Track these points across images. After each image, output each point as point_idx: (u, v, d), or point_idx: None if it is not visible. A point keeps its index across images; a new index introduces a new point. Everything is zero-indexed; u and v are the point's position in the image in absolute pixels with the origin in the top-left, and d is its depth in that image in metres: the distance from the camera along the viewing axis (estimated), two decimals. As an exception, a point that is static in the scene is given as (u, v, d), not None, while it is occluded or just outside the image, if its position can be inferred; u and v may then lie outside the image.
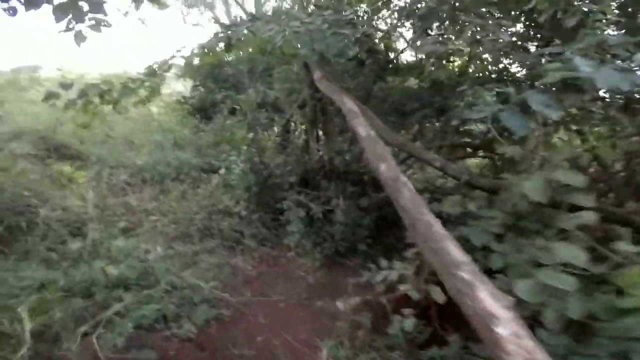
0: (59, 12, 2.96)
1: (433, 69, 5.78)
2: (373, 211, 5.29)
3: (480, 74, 5.48)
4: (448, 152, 5.68)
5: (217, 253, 4.94)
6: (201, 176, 6.62)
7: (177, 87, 12.23)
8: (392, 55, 5.94)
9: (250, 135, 6.03)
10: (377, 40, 5.81)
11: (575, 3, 3.22)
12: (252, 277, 4.65)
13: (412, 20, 5.33)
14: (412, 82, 6.54)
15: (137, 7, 4.25)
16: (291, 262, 4.99)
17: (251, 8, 15.11)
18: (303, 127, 6.86)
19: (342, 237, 4.83)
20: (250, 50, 7.75)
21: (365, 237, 4.98)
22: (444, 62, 5.78)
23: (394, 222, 5.57)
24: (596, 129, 4.06)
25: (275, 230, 5.44)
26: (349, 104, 3.58)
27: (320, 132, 6.25)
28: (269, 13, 7.02)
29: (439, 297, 2.68)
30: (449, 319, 3.15)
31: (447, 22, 4.74)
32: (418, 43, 5.02)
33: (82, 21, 2.96)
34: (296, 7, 6.74)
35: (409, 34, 6.09)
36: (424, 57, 5.97)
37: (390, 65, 5.88)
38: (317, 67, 4.95)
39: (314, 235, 4.97)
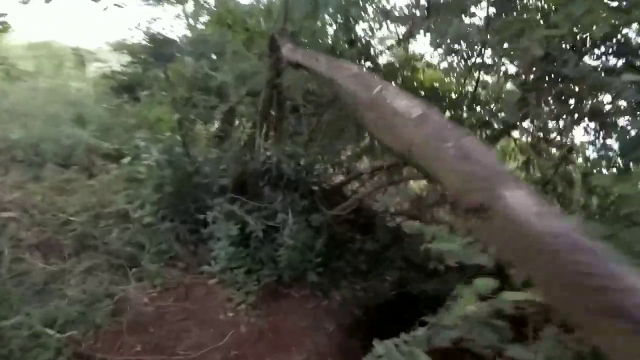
0: None
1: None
2: (324, 231, 4.15)
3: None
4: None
5: (97, 276, 3.33)
6: (98, 163, 4.86)
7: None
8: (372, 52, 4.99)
9: (176, 117, 4.55)
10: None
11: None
12: (147, 318, 3.13)
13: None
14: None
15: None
16: (213, 295, 3.57)
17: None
18: (250, 120, 5.55)
19: (289, 264, 3.57)
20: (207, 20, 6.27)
21: (317, 264, 3.79)
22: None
23: (343, 243, 4.48)
24: None
25: (193, 247, 3.96)
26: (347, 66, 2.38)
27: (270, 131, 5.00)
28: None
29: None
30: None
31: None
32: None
33: None
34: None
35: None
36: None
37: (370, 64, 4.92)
38: (289, 39, 3.76)
39: (248, 259, 3.63)
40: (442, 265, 4.33)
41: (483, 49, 4.07)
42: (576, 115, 3.61)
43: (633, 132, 2.39)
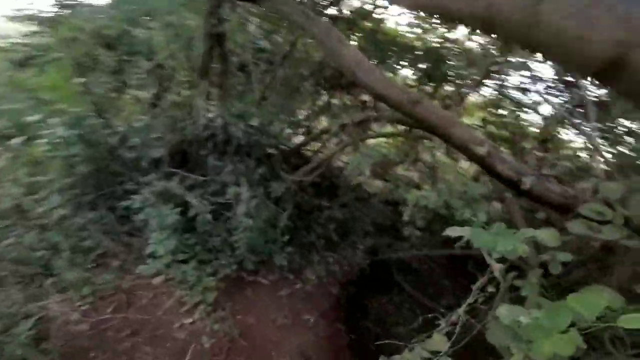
0: None
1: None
2: (289, 202, 3.56)
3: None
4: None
5: (4, 292, 2.53)
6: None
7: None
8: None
9: (82, 81, 3.54)
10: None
11: None
12: (83, 340, 2.44)
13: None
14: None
15: None
16: (161, 298, 2.89)
17: None
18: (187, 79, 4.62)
19: (249, 248, 2.95)
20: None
21: (284, 243, 3.22)
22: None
23: (309, 212, 3.94)
24: None
25: (126, 239, 3.20)
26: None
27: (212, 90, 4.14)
28: None
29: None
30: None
31: None
32: None
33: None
34: None
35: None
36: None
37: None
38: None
39: (198, 249, 2.95)
40: (417, 231, 3.92)
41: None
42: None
43: None
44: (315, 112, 5.40)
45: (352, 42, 3.94)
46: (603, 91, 3.20)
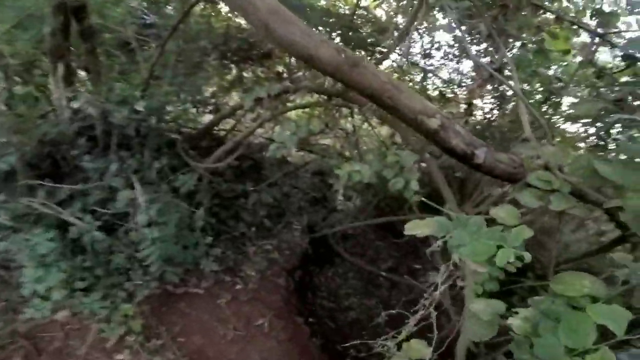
0: None
1: None
2: (205, 194, 2.98)
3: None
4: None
5: None
6: None
7: None
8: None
9: None
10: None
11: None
12: None
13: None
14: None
15: None
16: (75, 336, 2.20)
17: None
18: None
19: (165, 260, 2.34)
20: None
21: (208, 245, 2.68)
22: None
23: (234, 200, 3.44)
24: None
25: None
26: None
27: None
28: None
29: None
30: None
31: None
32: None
33: None
34: None
35: None
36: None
37: None
38: None
39: (99, 272, 2.27)
40: (350, 203, 3.66)
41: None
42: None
43: None
44: (225, 88, 4.73)
45: None
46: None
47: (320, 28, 4.12)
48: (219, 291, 2.78)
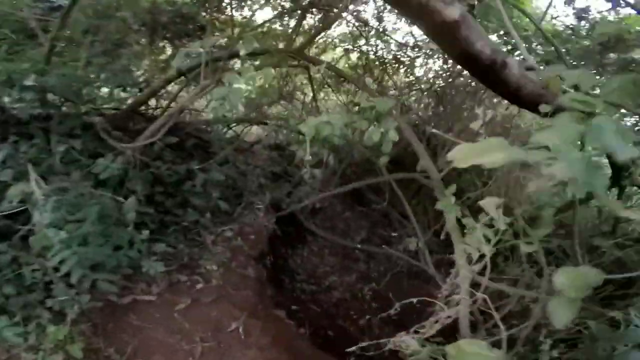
0: None
1: None
2: (136, 180, 2.42)
3: None
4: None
5: None
6: None
7: None
8: None
9: None
10: None
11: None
12: None
13: None
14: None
15: None
16: None
17: None
18: None
19: (93, 266, 1.79)
20: None
21: (145, 240, 2.15)
22: None
23: (179, 184, 2.89)
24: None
25: None
26: None
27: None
28: None
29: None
30: None
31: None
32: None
33: None
34: None
35: None
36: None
37: None
38: None
39: (9, 289, 1.69)
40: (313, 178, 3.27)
41: None
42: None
43: None
44: (160, 69, 4.06)
45: None
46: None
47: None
48: (174, 295, 2.28)
